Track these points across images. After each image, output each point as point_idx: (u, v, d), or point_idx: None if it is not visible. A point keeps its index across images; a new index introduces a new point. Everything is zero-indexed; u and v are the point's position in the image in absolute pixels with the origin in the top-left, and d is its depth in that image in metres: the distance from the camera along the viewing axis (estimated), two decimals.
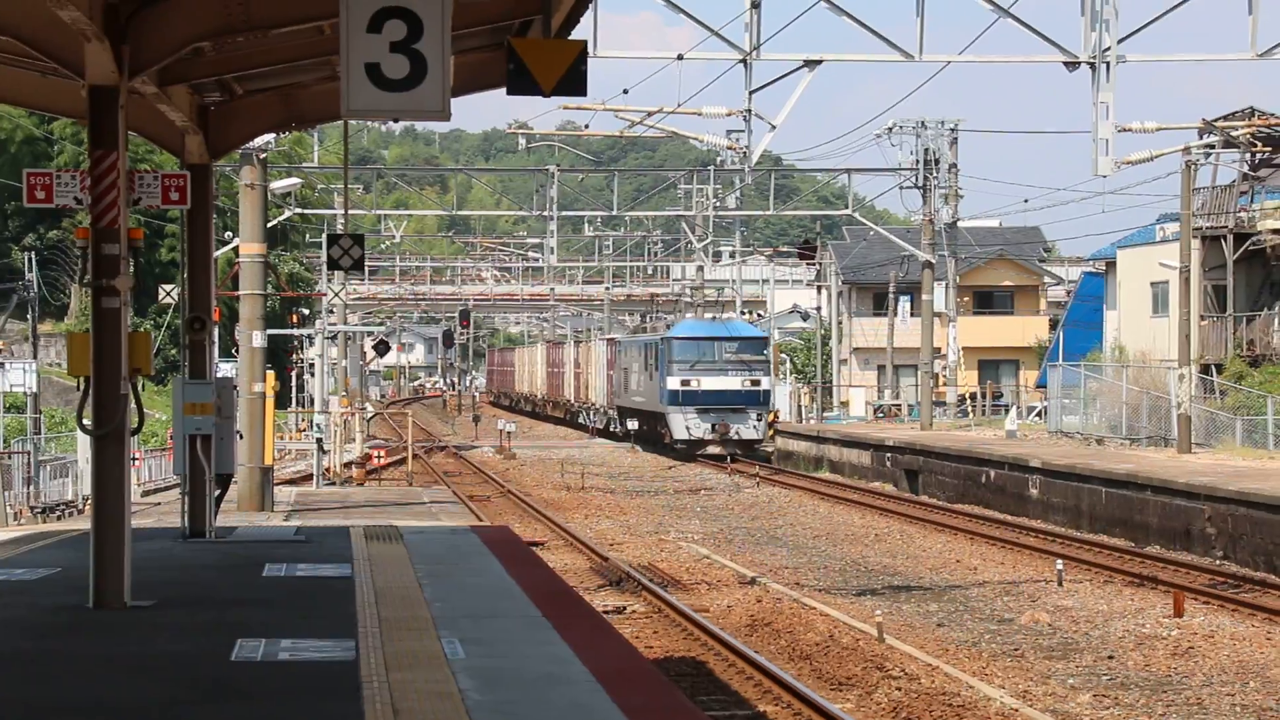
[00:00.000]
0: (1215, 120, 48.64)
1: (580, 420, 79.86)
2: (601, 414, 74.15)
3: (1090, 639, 21.17)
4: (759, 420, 57.74)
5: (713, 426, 56.74)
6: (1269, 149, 53.83)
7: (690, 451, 57.12)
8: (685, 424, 57.13)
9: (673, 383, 57.46)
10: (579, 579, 25.78)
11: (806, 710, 16.32)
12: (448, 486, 40.59)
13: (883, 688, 17.57)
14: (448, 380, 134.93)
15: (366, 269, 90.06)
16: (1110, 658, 19.83)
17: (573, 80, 11.92)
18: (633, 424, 66.37)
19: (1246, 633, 21.33)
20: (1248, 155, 53.63)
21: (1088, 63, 22.94)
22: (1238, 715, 16.63)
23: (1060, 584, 25.88)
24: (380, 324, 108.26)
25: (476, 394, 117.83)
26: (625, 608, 23.29)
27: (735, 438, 57.00)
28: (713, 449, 56.76)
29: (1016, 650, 20.40)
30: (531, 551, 20.82)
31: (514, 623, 13.59)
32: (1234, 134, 47.70)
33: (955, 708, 16.36)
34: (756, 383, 58.10)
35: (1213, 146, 47.56)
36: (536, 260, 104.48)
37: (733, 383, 57.63)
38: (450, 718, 9.83)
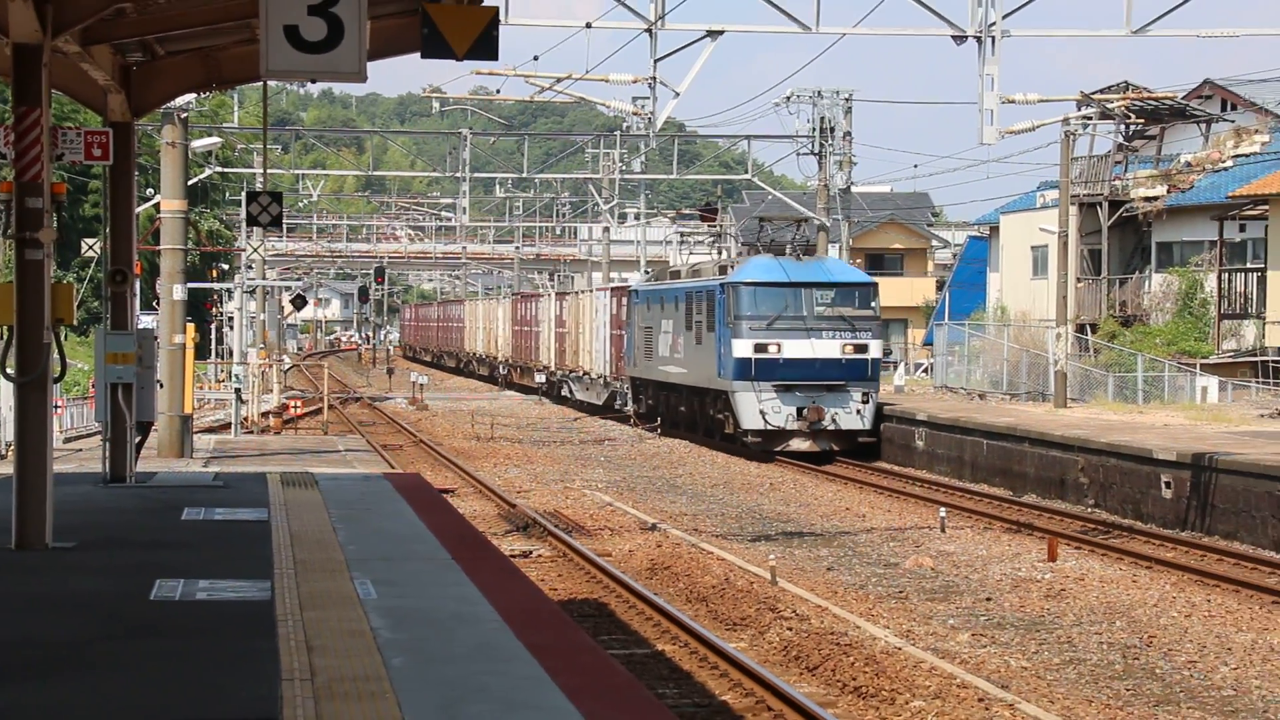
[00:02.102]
0: (1093, 93, 49.04)
1: (564, 393, 61.29)
2: (599, 386, 55.77)
3: (970, 582, 21.40)
4: (864, 403, 38.78)
5: (799, 411, 38.46)
6: (1142, 121, 54.36)
7: (766, 447, 38.78)
8: (759, 407, 38.59)
9: (741, 348, 38.88)
10: (487, 524, 25.77)
11: (702, 649, 16.41)
12: (362, 436, 40.41)
13: (775, 628, 17.69)
14: (363, 334, 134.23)
15: (285, 226, 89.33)
16: (988, 599, 20.05)
17: (485, 45, 11.85)
18: (651, 401, 48.40)
19: (1114, 575, 21.64)
20: (1122, 127, 54.14)
21: (974, 36, 23.03)
22: (1104, 652, 16.86)
23: (943, 530, 26.15)
24: (298, 279, 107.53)
25: (390, 348, 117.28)
26: (532, 552, 23.31)
27: (831, 427, 38.60)
28: (798, 443, 38.58)
29: (901, 593, 20.59)
30: (442, 498, 20.77)
31: (424, 565, 13.56)
32: (1110, 106, 48.09)
33: (842, 647, 16.48)
34: (862, 349, 39.02)
35: (1090, 118, 47.92)
36: (449, 220, 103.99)
37: (828, 348, 38.93)
38: (362, 654, 9.81)
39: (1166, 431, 31.05)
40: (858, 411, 38.42)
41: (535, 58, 41.05)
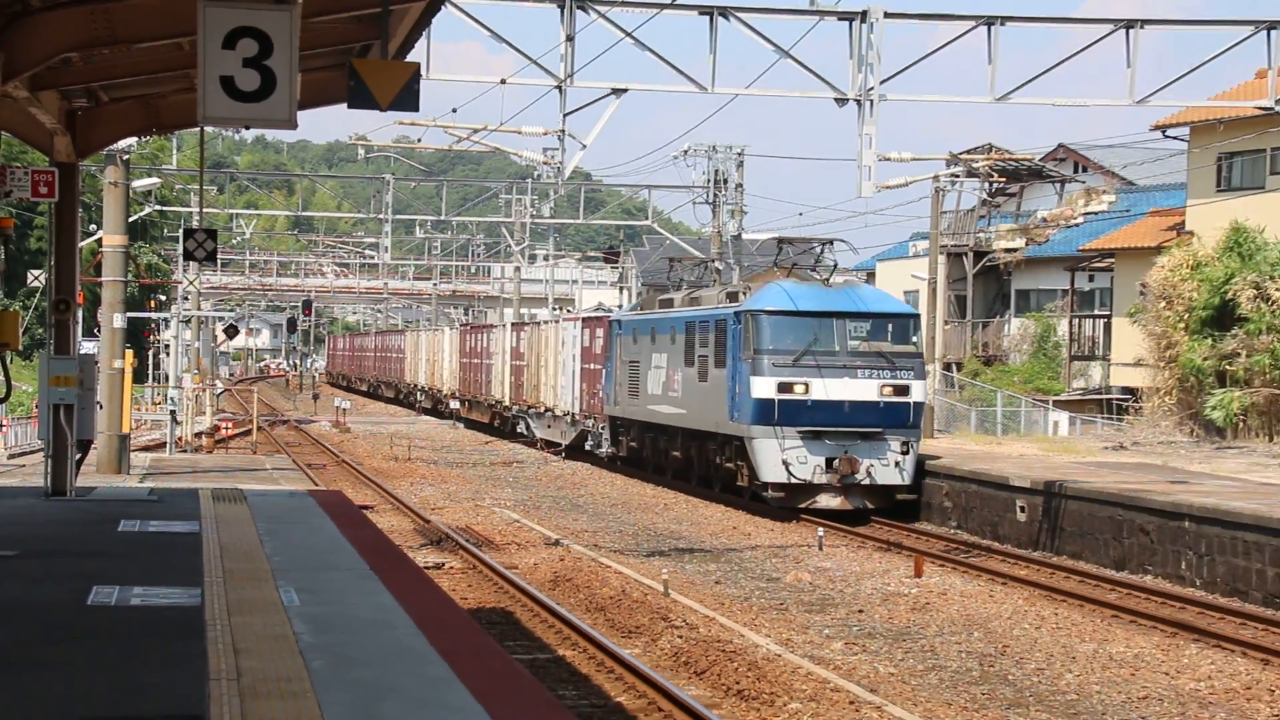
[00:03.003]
0: (960, 154, 49.59)
1: (519, 430, 52.65)
2: (565, 424, 46.50)
3: (844, 595, 21.50)
4: (904, 453, 30.73)
5: (829, 462, 30.61)
6: (1004, 179, 55.07)
7: (790, 503, 30.83)
8: (782, 457, 30.72)
9: (762, 387, 31.02)
10: (403, 538, 25.61)
11: (600, 655, 16.39)
12: (288, 455, 40.07)
13: (666, 636, 17.69)
14: (290, 362, 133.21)
15: (219, 261, 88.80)
16: (860, 611, 20.15)
17: (406, 97, 11.86)
18: (634, 443, 39.72)
19: (973, 591, 21.81)
20: (986, 184, 54.82)
21: (855, 100, 23.23)
22: (963, 660, 17.00)
23: (820, 548, 26.24)
24: (230, 310, 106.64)
25: (316, 375, 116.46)
26: (444, 564, 23.19)
27: (866, 481, 30.61)
28: (827, 500, 30.71)
29: (781, 605, 20.65)
30: (361, 513, 20.63)
31: (344, 575, 13.46)
32: (975, 166, 48.66)
33: (728, 653, 16.52)
34: (903, 390, 31.12)
35: (957, 176, 48.47)
36: (372, 257, 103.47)
37: (864, 389, 31.07)
38: (285, 657, 9.72)
39: (1022, 461, 31.37)
40: (896, 464, 30.17)
41: (454, 110, 41.42)
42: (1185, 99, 29.50)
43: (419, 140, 52.61)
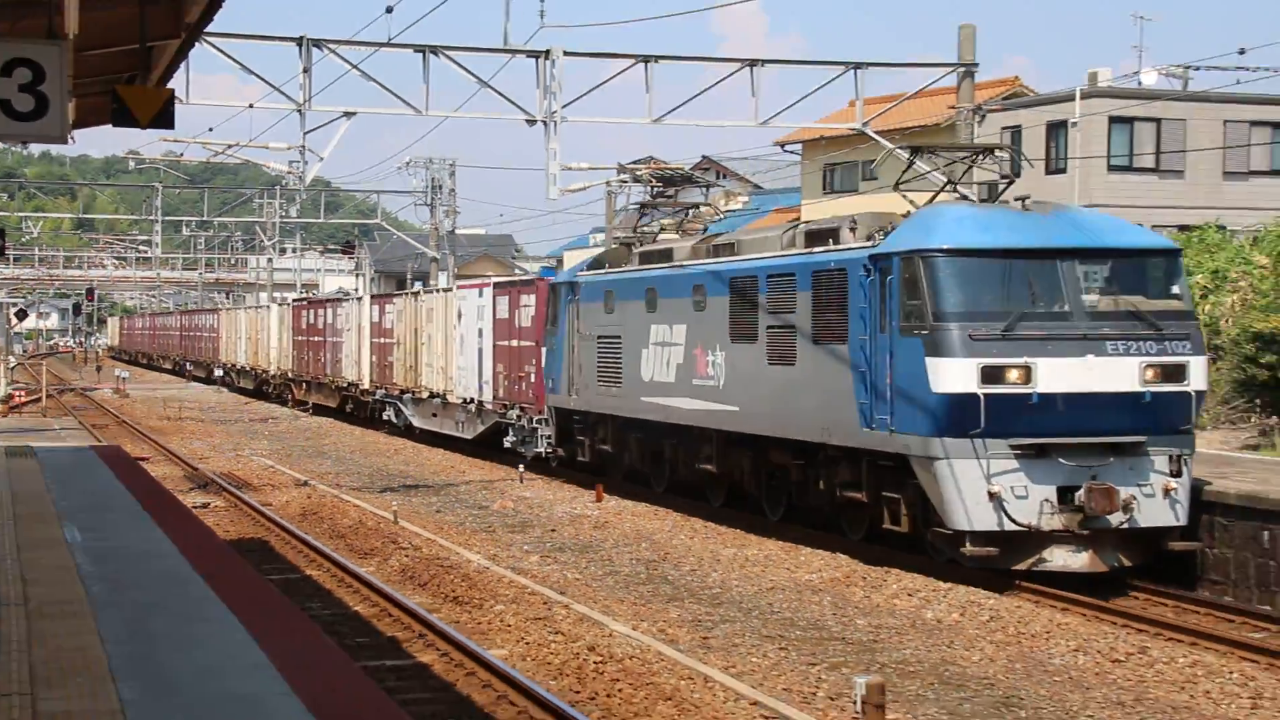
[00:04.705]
0: (627, 164, 50.17)
1: (387, 417, 37.16)
2: (470, 414, 30.82)
3: (540, 518, 21.60)
4: (1177, 475, 14.90)
5: (1064, 495, 14.61)
6: (661, 184, 55.96)
7: (1003, 564, 14.75)
8: (989, 487, 14.49)
9: (953, 374, 14.65)
10: (174, 484, 24.74)
11: (341, 573, 16.18)
12: (74, 418, 38.25)
13: (396, 556, 17.56)
14: (77, 340, 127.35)
15: (11, 256, 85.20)
16: (553, 530, 20.27)
17: (164, 118, 11.46)
18: (609, 447, 24.06)
19: (642, 511, 22.06)
20: (648, 188, 55.64)
21: (542, 120, 23.30)
22: (634, 566, 17.30)
23: (521, 481, 26.25)
24: (23, 298, 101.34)
25: (100, 351, 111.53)
26: (209, 504, 22.50)
27: (1125, 524, 14.63)
28: (1064, 556, 14.64)
29: (490, 527, 20.66)
30: (138, 464, 19.89)
31: (121, 515, 12.99)
32: (639, 174, 49.34)
33: (446, 568, 16.48)
34: (1176, 374, 14.93)
35: (625, 181, 49.07)
36: (146, 252, 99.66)
37: (1117, 373, 14.76)
38: (68, 584, 9.35)
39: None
40: (1167, 492, 15.10)
41: (210, 129, 39.80)
42: (798, 121, 30.54)
43: (182, 155, 50.68)
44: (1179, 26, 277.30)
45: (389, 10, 23.11)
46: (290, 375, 48.92)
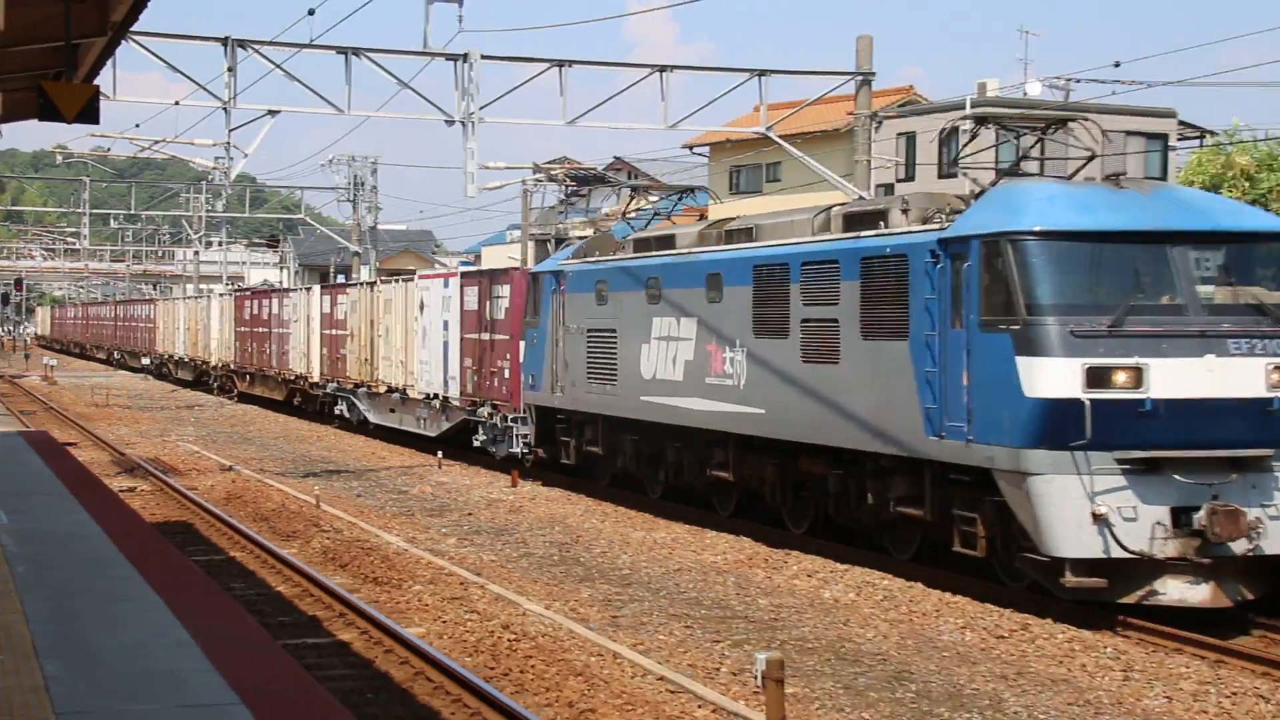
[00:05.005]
0: (543, 164, 50.09)
1: (338, 411, 34.42)
2: (433, 410, 28.22)
3: (458, 502, 21.54)
4: None
5: (1181, 516, 11.83)
6: (576, 184, 55.92)
7: (1108, 596, 12.02)
8: (1094, 508, 11.70)
9: (1051, 376, 11.84)
10: (101, 469, 24.31)
11: (264, 555, 16.03)
12: (2, 404, 37.42)
13: (318, 538, 17.43)
14: (5, 329, 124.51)
15: None
16: (470, 514, 20.23)
17: (88, 113, 11.29)
18: (600, 449, 21.16)
19: (555, 496, 22.11)
20: (563, 187, 55.56)
21: (460, 121, 23.16)
22: (547, 549, 17.30)
23: (440, 468, 26.16)
24: None
25: (28, 339, 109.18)
26: (136, 488, 22.15)
27: (1249, 551, 11.85)
28: (1180, 589, 11.86)
29: (409, 511, 20.57)
30: (65, 449, 19.54)
31: (47, 499, 12.77)
32: (553, 173, 49.27)
33: (366, 549, 16.40)
34: None
35: (541, 180, 48.97)
36: (75, 244, 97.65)
37: (1241, 376, 12.00)
38: None
39: None
40: None
41: (137, 125, 39.18)
42: (705, 125, 30.60)
43: (109, 150, 49.64)
44: (1061, 41, 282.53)
45: (311, 12, 22.88)
46: (233, 367, 45.65)
